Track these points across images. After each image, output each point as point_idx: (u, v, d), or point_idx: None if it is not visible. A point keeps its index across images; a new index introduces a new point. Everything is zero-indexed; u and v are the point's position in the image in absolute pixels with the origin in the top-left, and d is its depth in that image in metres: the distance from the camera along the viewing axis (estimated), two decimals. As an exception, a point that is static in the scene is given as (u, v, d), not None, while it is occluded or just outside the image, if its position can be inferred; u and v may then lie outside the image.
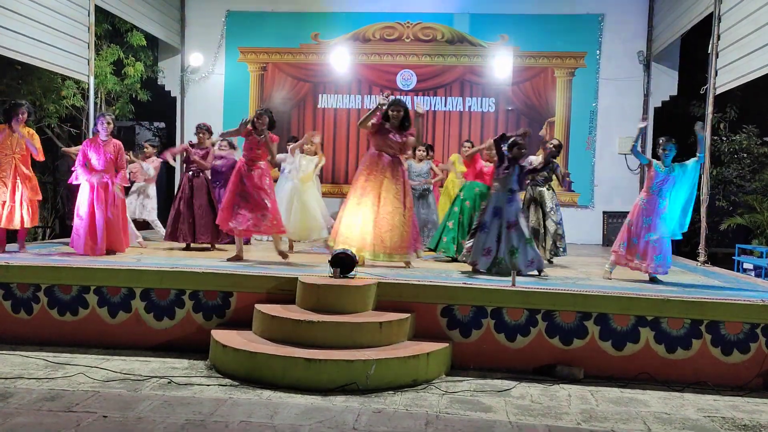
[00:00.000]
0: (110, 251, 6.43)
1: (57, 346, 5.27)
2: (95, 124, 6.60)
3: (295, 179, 7.79)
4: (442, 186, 8.65)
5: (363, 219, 6.09)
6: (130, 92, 10.79)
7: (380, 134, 6.23)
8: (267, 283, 5.31)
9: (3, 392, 4.12)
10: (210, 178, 7.63)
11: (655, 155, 6.12)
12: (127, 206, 7.20)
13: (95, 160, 6.39)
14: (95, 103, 9.07)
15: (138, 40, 10.31)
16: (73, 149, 7.60)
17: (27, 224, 6.41)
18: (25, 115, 6.39)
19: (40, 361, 4.87)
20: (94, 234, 6.33)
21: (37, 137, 6.57)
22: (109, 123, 6.46)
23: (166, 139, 13.17)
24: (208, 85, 11.02)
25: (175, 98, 11.15)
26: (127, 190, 7.37)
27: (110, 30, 10.42)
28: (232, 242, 7.87)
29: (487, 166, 7.02)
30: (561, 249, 7.01)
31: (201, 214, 7.26)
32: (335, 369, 4.36)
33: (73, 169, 6.61)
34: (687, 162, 5.82)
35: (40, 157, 6.55)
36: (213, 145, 7.80)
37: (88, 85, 8.49)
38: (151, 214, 8.26)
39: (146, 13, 9.78)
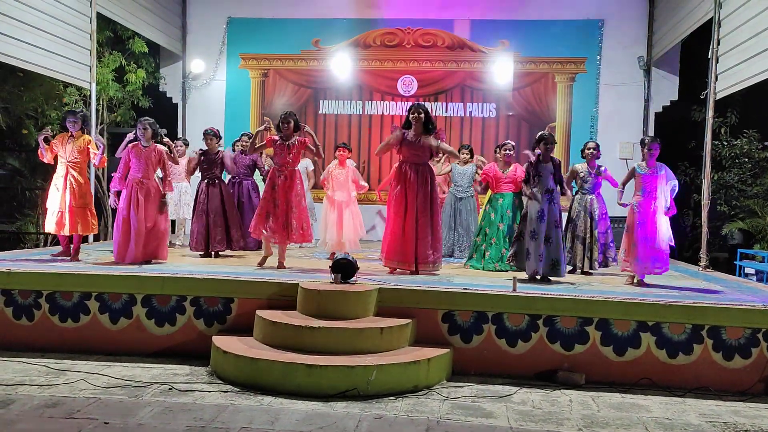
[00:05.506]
0: (149, 260, 6.29)
1: (58, 352, 5.27)
2: (135, 131, 6.45)
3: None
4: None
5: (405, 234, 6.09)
6: (132, 99, 10.83)
7: (404, 146, 6.16)
8: (268, 289, 5.31)
9: (4, 399, 4.13)
10: (231, 182, 7.71)
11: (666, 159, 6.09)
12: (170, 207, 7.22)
13: (135, 167, 6.28)
14: (97, 110, 9.10)
15: (139, 47, 10.35)
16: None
17: (66, 231, 6.34)
18: (79, 123, 6.45)
19: (41, 367, 4.87)
20: (127, 242, 6.18)
21: (93, 144, 6.54)
22: (146, 129, 6.31)
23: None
24: (210, 91, 11.03)
25: (176, 105, 11.15)
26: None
27: (112, 37, 10.46)
28: (245, 249, 7.76)
29: (505, 173, 6.96)
30: (610, 259, 6.62)
31: (216, 223, 7.19)
32: (336, 375, 4.36)
33: (113, 175, 6.57)
34: (670, 175, 5.90)
35: (99, 164, 6.58)
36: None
37: (90, 92, 8.54)
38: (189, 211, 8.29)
39: (148, 20, 9.82)
